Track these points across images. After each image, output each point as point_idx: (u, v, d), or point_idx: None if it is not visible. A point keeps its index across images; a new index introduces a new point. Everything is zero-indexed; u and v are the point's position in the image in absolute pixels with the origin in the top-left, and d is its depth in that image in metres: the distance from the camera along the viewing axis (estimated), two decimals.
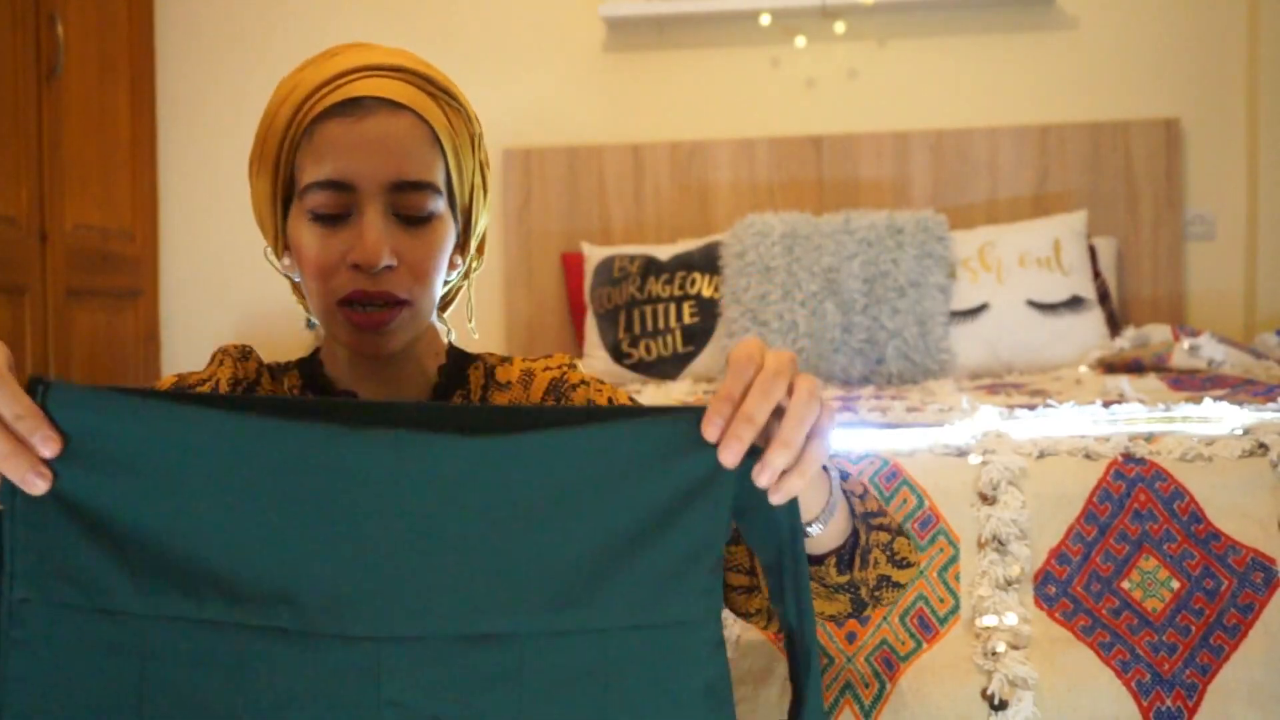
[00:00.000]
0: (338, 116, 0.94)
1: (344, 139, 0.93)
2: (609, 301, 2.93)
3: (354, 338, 0.96)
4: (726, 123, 3.36)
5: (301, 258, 0.96)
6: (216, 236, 3.53)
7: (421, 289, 0.96)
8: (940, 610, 1.29)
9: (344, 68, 0.96)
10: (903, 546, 0.96)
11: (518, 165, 3.34)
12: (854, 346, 2.69)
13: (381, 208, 0.94)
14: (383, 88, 0.95)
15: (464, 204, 1.02)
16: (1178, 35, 3.22)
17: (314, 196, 0.94)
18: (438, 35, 3.41)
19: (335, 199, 0.94)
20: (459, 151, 0.99)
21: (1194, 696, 1.21)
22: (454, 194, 1.00)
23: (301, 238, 0.96)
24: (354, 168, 0.93)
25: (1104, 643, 1.25)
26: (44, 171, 3.02)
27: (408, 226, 0.95)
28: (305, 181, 0.95)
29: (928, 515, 1.35)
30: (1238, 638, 1.24)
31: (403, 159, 0.94)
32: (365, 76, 0.96)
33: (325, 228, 0.94)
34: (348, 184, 0.93)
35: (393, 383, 1.02)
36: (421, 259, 0.95)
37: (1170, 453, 1.39)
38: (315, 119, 0.95)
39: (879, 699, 1.22)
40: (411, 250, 0.95)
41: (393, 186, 0.94)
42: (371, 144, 0.93)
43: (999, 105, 3.29)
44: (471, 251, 1.07)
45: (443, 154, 0.97)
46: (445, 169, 0.98)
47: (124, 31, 3.40)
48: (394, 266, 0.94)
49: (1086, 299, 2.79)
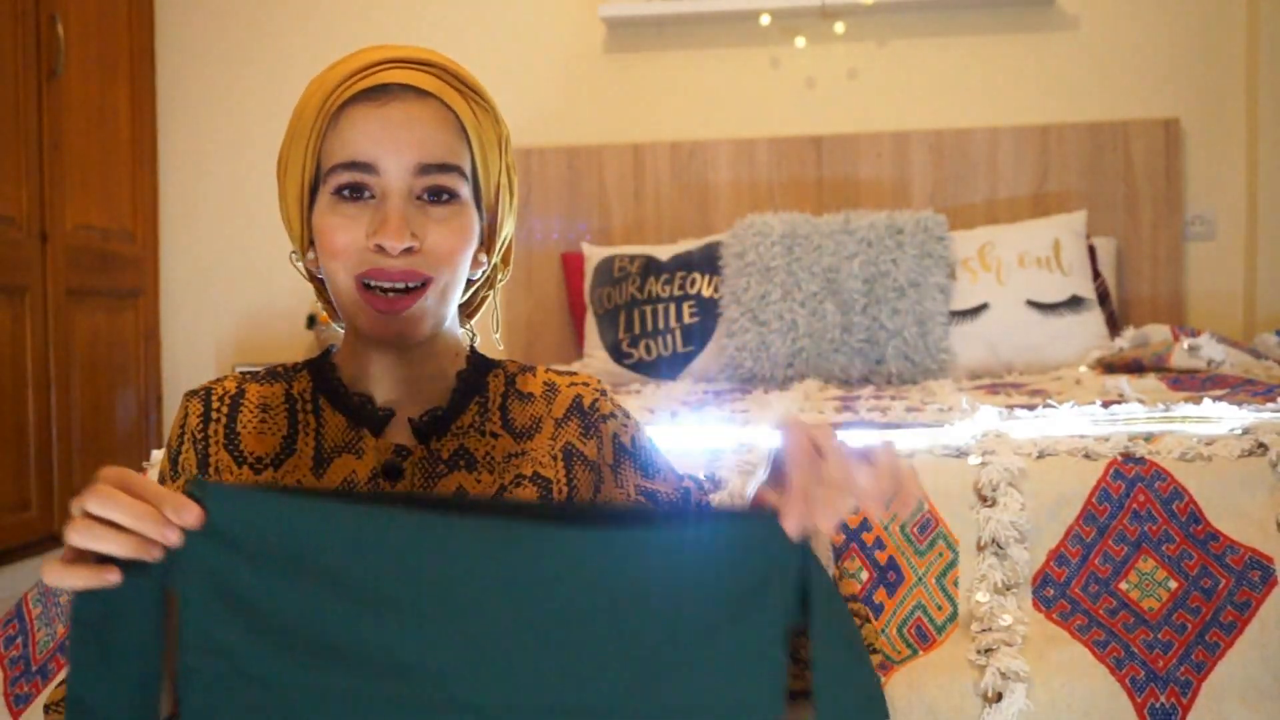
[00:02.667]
0: (364, 101, 0.95)
1: (369, 121, 0.94)
2: (609, 301, 2.93)
3: (375, 322, 0.95)
4: (726, 123, 3.36)
5: (323, 240, 0.96)
6: (216, 236, 3.53)
7: (445, 270, 0.95)
8: (938, 619, 1.29)
9: (373, 60, 0.97)
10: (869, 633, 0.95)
11: (518, 165, 3.34)
12: (854, 346, 2.69)
13: (405, 190, 0.94)
14: (410, 77, 0.96)
15: (489, 201, 1.02)
16: (1178, 35, 3.23)
17: (338, 176, 0.94)
18: (438, 35, 3.41)
19: (359, 179, 0.94)
20: (485, 146, 0.99)
21: (1188, 693, 1.21)
22: (479, 187, 1.00)
23: (324, 221, 0.96)
24: (378, 149, 0.93)
25: (1098, 640, 1.25)
26: (44, 171, 3.02)
27: (431, 210, 0.95)
28: (330, 164, 0.95)
29: (927, 518, 1.35)
30: (1233, 635, 1.24)
31: (427, 142, 0.94)
32: (393, 67, 0.96)
33: (348, 209, 0.94)
34: (371, 165, 0.94)
35: (410, 383, 1.01)
36: (444, 241, 0.95)
37: (1170, 453, 1.38)
38: (342, 105, 0.95)
39: None
40: (434, 233, 0.94)
41: (417, 170, 0.94)
42: (396, 127, 0.94)
43: (999, 105, 3.29)
44: (496, 255, 1.06)
45: (468, 143, 0.98)
46: (470, 159, 0.98)
47: (124, 31, 3.40)
48: (416, 249, 0.93)
49: (1086, 299, 2.79)
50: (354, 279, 0.94)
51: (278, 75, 3.49)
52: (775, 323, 2.70)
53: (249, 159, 3.51)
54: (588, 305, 3.02)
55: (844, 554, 1.33)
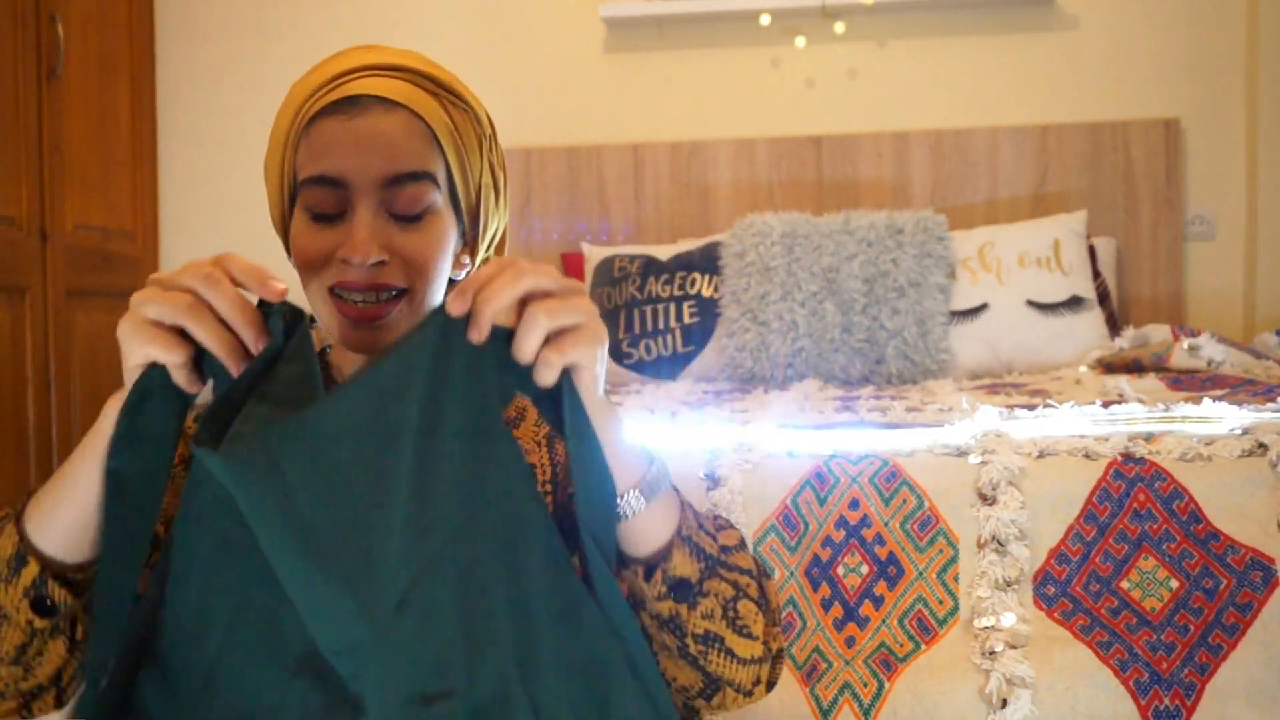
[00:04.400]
0: (333, 115, 0.94)
1: (336, 136, 0.94)
2: (609, 301, 2.93)
3: (347, 331, 0.94)
4: (726, 123, 3.36)
5: (295, 251, 0.96)
6: (216, 236, 3.53)
7: (421, 280, 0.95)
8: (939, 612, 1.29)
9: (345, 67, 0.97)
10: (748, 613, 0.88)
11: (518, 165, 3.35)
12: (854, 346, 2.69)
13: (374, 204, 0.93)
14: (380, 86, 0.95)
15: (469, 203, 1.01)
16: (1178, 35, 3.22)
17: (308, 193, 0.94)
18: (438, 35, 3.41)
19: (328, 195, 0.93)
20: (462, 150, 0.99)
21: (1192, 695, 1.21)
22: (456, 192, 0.99)
23: (297, 231, 0.96)
24: (345, 164, 0.93)
25: (1102, 642, 1.25)
26: (44, 171, 3.02)
27: (402, 223, 0.95)
28: (302, 176, 0.95)
29: (927, 516, 1.35)
30: (1236, 637, 1.24)
31: (394, 155, 0.94)
32: (364, 76, 0.96)
33: (319, 224, 0.94)
34: (340, 180, 0.93)
35: None
36: (417, 253, 0.94)
37: (1170, 453, 1.38)
38: (312, 118, 0.95)
39: (878, 698, 1.23)
40: (406, 245, 0.94)
41: (385, 182, 0.93)
42: (362, 141, 0.93)
43: (999, 105, 3.29)
44: (484, 253, 1.06)
45: (441, 151, 0.97)
46: (445, 166, 0.98)
47: (124, 31, 3.40)
48: (386, 262, 0.93)
49: (1086, 299, 2.79)
50: (325, 289, 0.94)
51: (278, 75, 3.49)
52: (775, 323, 2.70)
53: (249, 159, 3.51)
54: None
55: (844, 549, 1.33)
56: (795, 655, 1.27)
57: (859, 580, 1.31)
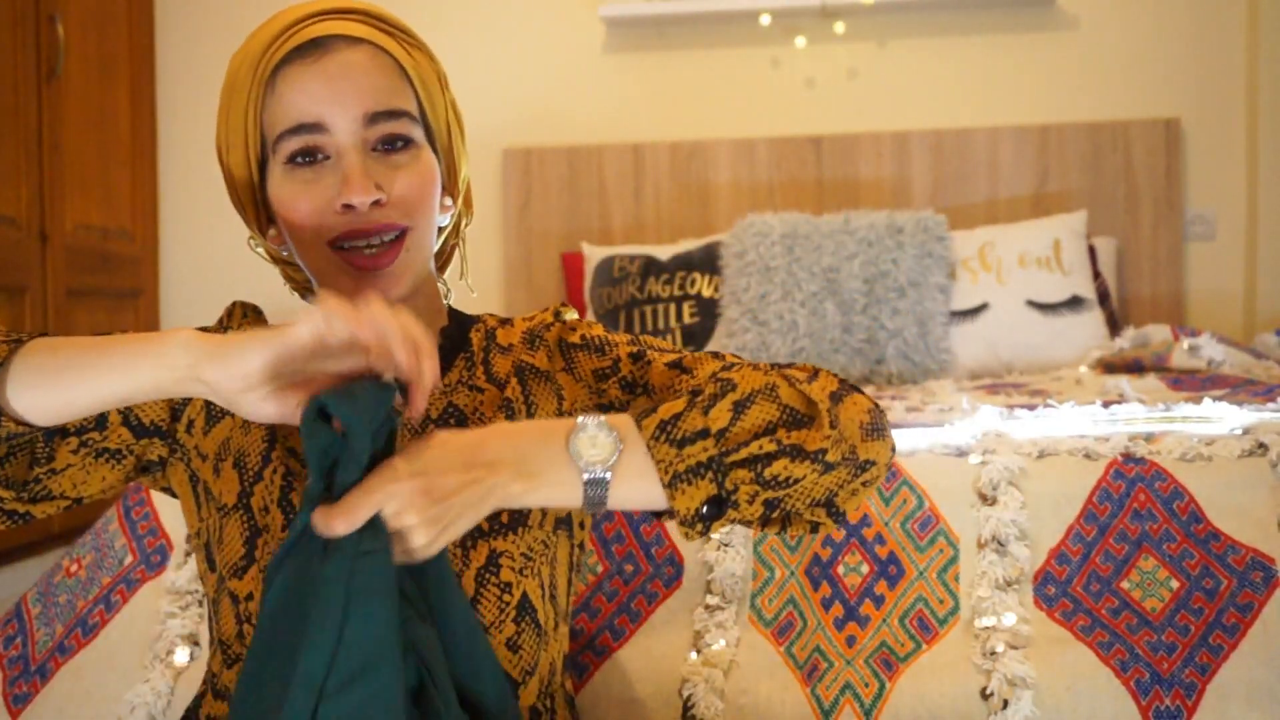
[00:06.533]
0: (298, 60, 0.91)
1: (307, 79, 0.91)
2: (609, 302, 2.93)
3: (356, 283, 0.92)
4: (726, 123, 3.36)
5: (285, 212, 0.93)
6: (216, 236, 3.53)
7: (418, 216, 0.93)
8: (940, 611, 1.29)
9: (296, 16, 0.94)
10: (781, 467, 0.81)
11: (518, 165, 3.35)
12: (854, 346, 2.69)
13: (359, 143, 0.91)
14: (339, 26, 0.93)
15: (443, 141, 0.99)
16: (1178, 35, 3.23)
17: (287, 144, 0.91)
18: (437, 35, 3.40)
19: (310, 141, 0.91)
20: (427, 85, 0.97)
21: (1193, 696, 1.21)
22: (430, 127, 0.97)
23: (282, 193, 0.93)
24: (322, 106, 0.90)
25: (1103, 642, 1.25)
26: (44, 171, 3.02)
27: (390, 158, 0.92)
28: (276, 132, 0.92)
29: (927, 515, 1.35)
30: (1237, 637, 1.24)
31: (371, 90, 0.91)
32: (318, 20, 0.93)
33: (305, 175, 0.91)
34: (319, 124, 0.91)
35: None
36: (410, 188, 0.92)
37: (1170, 453, 1.38)
38: (275, 68, 0.92)
39: (879, 699, 1.22)
40: (399, 181, 0.92)
41: (366, 119, 0.91)
42: (335, 79, 0.91)
43: (999, 105, 3.29)
44: (460, 199, 1.04)
45: (410, 84, 0.95)
46: (416, 100, 0.96)
47: (124, 31, 3.40)
48: (382, 202, 0.90)
49: (1086, 299, 2.79)
50: (326, 245, 0.91)
51: None
52: (775, 323, 2.70)
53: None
54: (588, 305, 3.02)
55: (844, 549, 1.33)
56: (796, 655, 1.27)
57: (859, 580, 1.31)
